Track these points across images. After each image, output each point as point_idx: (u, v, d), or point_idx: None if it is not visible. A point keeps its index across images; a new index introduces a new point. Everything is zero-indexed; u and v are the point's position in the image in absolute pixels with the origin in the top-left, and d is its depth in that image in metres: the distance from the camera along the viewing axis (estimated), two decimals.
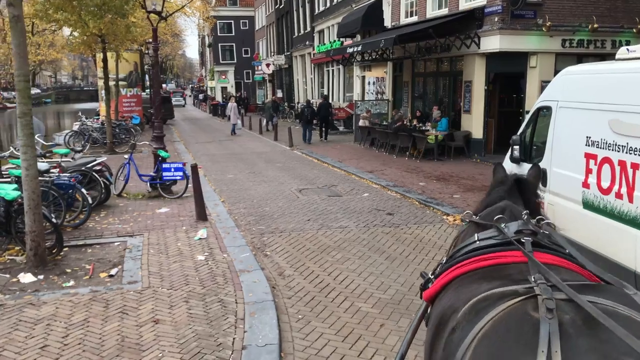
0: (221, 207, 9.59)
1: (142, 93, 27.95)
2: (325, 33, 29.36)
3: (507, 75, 15.91)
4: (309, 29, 32.55)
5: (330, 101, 25.89)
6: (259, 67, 47.05)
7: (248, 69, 56.93)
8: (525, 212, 2.23)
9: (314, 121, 21.67)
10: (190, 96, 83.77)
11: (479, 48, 14.83)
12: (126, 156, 10.44)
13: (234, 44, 60.34)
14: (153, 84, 9.51)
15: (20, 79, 5.93)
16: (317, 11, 30.79)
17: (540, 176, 3.32)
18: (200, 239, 7.50)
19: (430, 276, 2.43)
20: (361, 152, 17.71)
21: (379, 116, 19.69)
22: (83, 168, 9.08)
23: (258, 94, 52.86)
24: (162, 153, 10.25)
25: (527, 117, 6.77)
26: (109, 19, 16.20)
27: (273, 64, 41.86)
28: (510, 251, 2.05)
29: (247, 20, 58.26)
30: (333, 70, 29.24)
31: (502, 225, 2.20)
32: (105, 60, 17.86)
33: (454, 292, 2.03)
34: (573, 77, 5.77)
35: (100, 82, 27.30)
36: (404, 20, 19.31)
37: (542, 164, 5.72)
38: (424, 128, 16.26)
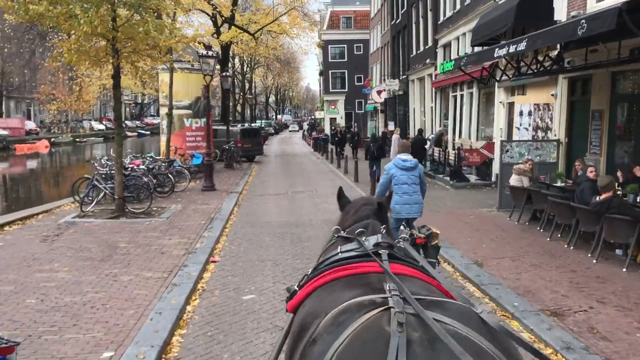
0: None
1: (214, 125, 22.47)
2: (453, 46, 21.67)
3: None
4: (430, 43, 25.03)
5: (427, 136, 18.55)
6: (371, 96, 40.39)
7: (360, 98, 50.59)
8: (383, 227, 2.58)
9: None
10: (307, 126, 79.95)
11: None
12: None
13: (345, 71, 54.43)
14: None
15: None
16: (441, 19, 23.31)
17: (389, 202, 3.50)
18: None
19: (295, 288, 2.39)
20: (515, 237, 9.71)
21: (544, 170, 11.52)
22: None
23: (369, 125, 46.01)
24: None
25: None
26: (107, 12, 10.31)
27: (385, 91, 34.79)
28: (368, 262, 2.14)
29: (361, 45, 52.18)
30: (462, 95, 21.32)
31: (363, 238, 2.36)
32: (116, 77, 11.97)
33: (315, 300, 2.08)
34: None
35: (164, 112, 22.24)
36: (594, 6, 11.19)
37: None
38: None
